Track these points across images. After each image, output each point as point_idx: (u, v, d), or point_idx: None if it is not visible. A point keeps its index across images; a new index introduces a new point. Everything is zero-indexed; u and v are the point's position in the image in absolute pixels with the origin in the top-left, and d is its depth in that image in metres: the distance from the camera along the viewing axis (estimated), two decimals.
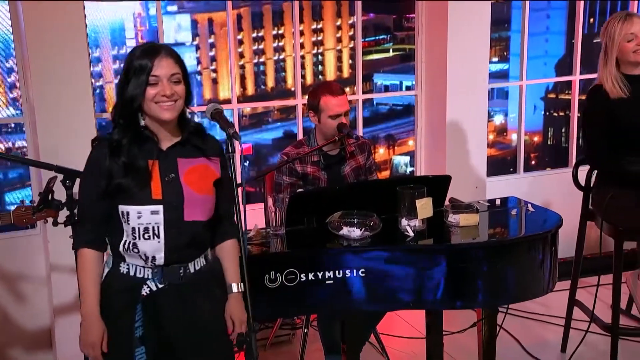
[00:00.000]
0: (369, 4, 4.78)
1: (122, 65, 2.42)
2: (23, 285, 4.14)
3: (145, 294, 2.37)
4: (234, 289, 2.47)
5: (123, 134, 2.30)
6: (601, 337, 3.93)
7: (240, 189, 2.37)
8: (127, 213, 2.30)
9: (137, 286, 2.37)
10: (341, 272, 2.88)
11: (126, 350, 2.37)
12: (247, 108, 6.55)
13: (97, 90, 4.09)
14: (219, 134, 2.48)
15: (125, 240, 2.34)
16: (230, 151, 2.25)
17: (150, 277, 2.37)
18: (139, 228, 2.31)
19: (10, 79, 4.34)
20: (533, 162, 5.34)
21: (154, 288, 2.37)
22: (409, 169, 5.22)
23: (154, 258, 2.34)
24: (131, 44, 6.13)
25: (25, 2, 3.75)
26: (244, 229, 2.28)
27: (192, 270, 2.41)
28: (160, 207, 2.31)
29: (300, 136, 4.63)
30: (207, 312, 2.45)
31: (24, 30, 3.82)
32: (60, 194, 2.93)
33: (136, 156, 2.30)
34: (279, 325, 4.15)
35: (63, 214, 2.95)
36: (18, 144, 4.96)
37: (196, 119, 2.59)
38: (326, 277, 2.87)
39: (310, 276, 2.86)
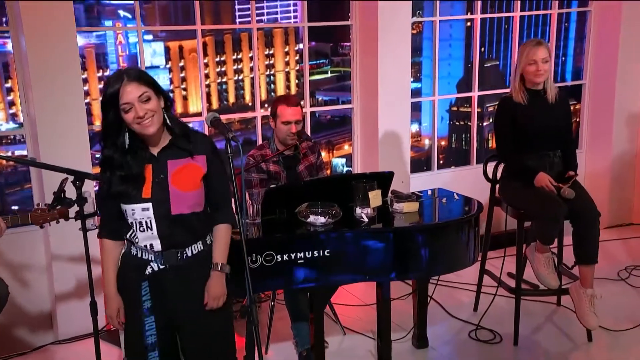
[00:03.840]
0: (310, 34, 4.75)
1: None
2: (25, 274, 3.96)
3: (148, 272, 2.32)
4: (215, 267, 2.37)
5: (112, 151, 2.21)
6: (503, 298, 4.03)
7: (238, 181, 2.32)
8: (125, 211, 2.25)
9: (142, 266, 2.32)
10: (310, 252, 2.85)
11: (137, 318, 2.33)
12: None
13: (85, 106, 3.92)
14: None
15: (131, 232, 2.29)
16: (230, 152, 2.19)
17: (153, 259, 2.31)
18: (135, 222, 2.25)
19: (9, 97, 4.13)
20: (441, 162, 5.42)
21: (156, 268, 2.32)
22: (346, 169, 5.24)
23: (151, 245, 2.28)
24: (114, 67, 5.98)
25: (28, 33, 3.59)
26: (241, 214, 2.22)
27: (189, 254, 2.33)
28: (149, 205, 2.23)
29: (259, 142, 4.58)
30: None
31: (26, 56, 3.65)
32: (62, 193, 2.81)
33: (131, 166, 2.22)
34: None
35: (73, 209, 2.84)
36: (17, 152, 4.72)
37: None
38: (298, 257, 2.85)
39: (285, 257, 2.83)
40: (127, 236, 2.31)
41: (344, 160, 5.43)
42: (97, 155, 2.37)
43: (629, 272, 4.65)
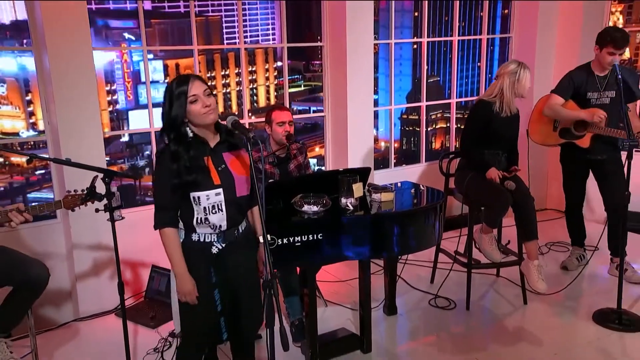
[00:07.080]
0: (287, 53, 4.74)
1: (114, 97, 2.31)
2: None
3: (214, 252, 2.33)
4: (261, 239, 2.41)
5: (177, 145, 2.21)
6: (454, 273, 4.05)
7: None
8: (199, 198, 2.23)
9: (207, 248, 2.32)
10: (305, 236, 2.83)
11: (208, 293, 2.35)
12: None
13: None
14: None
15: (197, 217, 2.26)
16: (250, 150, 2.17)
17: (215, 240, 2.32)
18: (209, 206, 2.24)
19: (30, 108, 3.96)
20: (395, 161, 5.48)
21: (220, 247, 2.33)
22: (317, 168, 5.24)
23: (220, 226, 2.29)
24: (119, 81, 5.82)
25: (51, 52, 3.47)
26: (261, 204, 2.18)
27: (240, 231, 2.38)
28: (220, 190, 2.25)
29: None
30: (253, 258, 2.45)
31: (48, 72, 3.52)
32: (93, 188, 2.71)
33: (195, 158, 2.21)
34: None
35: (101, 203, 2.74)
36: None
37: None
38: (295, 240, 2.82)
39: (284, 240, 2.81)
40: (194, 222, 2.26)
41: (315, 160, 5.44)
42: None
43: (549, 248, 4.83)
